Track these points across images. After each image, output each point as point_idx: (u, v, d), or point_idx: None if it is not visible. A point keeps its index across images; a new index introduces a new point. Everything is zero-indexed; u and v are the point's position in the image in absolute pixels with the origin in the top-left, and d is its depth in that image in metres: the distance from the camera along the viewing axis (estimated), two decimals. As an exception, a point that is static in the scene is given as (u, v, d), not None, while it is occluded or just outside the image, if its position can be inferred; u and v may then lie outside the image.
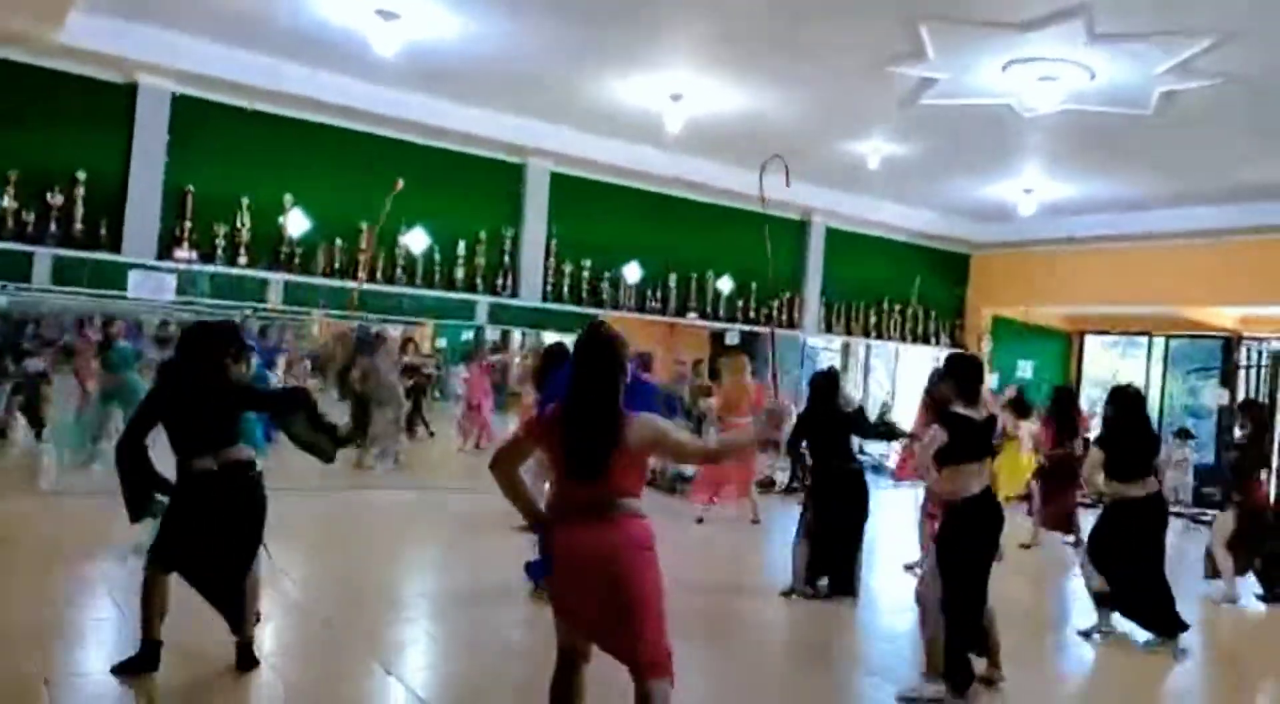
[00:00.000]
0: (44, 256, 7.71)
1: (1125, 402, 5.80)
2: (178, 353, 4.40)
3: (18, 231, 7.54)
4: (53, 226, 7.67)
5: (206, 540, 4.17)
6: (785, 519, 6.99)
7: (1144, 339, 14.66)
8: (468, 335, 11.84)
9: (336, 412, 11.24)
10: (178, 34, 7.62)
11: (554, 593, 3.22)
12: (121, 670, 4.10)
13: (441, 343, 13.17)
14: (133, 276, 8.06)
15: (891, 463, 13.36)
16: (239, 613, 4.28)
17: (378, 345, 10.00)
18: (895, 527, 8.27)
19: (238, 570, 4.25)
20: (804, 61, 7.36)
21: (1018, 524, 8.94)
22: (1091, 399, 15.13)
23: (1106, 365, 15.46)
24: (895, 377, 14.28)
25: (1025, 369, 14.34)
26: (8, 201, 7.49)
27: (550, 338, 12.76)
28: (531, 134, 9.67)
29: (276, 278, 8.75)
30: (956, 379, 4.66)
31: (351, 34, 7.08)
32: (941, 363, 5.45)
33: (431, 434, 11.87)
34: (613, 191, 10.75)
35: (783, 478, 11.19)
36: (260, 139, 8.63)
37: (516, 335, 12.03)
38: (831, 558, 6.34)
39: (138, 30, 7.50)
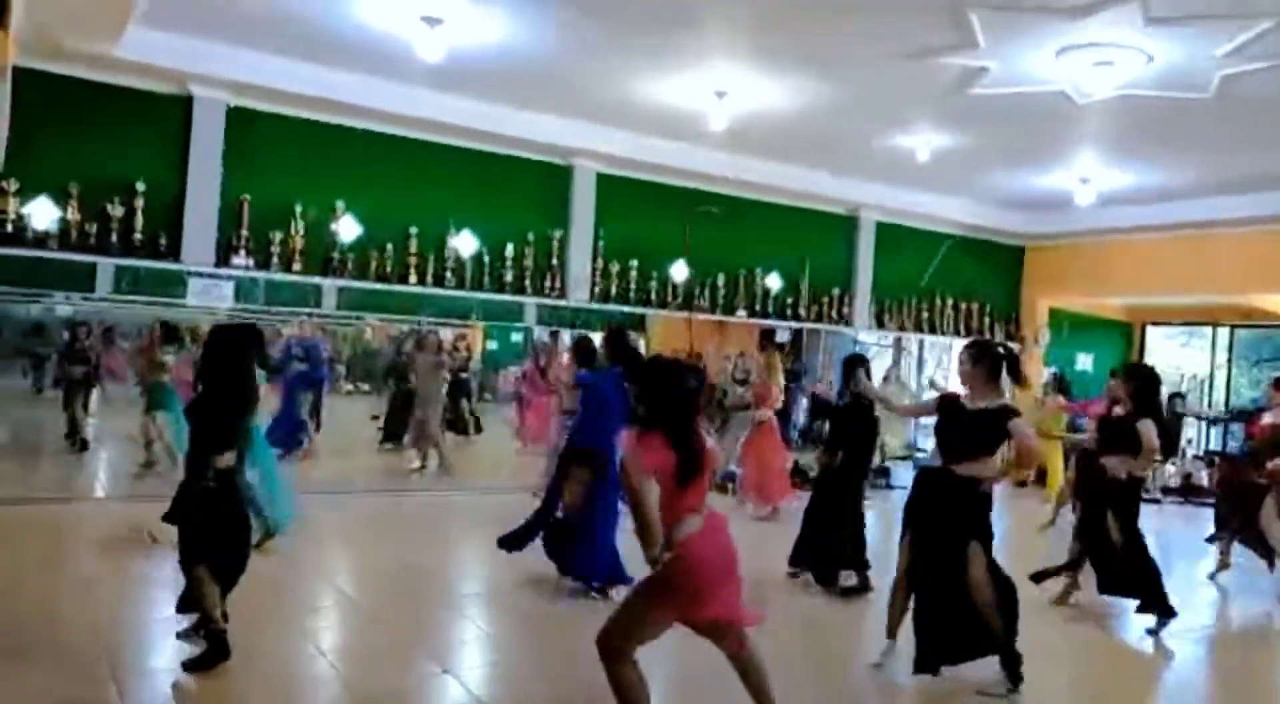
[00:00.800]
0: (106, 266, 7.95)
1: (1156, 380, 6.00)
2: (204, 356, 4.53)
3: (81, 243, 7.76)
4: (114, 237, 7.88)
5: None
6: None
7: (1208, 329, 14.28)
8: (517, 337, 11.92)
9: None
10: (231, 46, 7.78)
11: (690, 591, 3.36)
12: (194, 667, 4.20)
13: (493, 345, 13.28)
14: (192, 284, 8.27)
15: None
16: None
17: (419, 347, 10.14)
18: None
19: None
20: (850, 54, 7.27)
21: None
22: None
23: (1169, 357, 15.07)
24: (949, 372, 14.05)
25: (1084, 362, 14.05)
26: (70, 214, 7.71)
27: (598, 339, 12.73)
28: (577, 136, 9.69)
29: (329, 283, 8.90)
30: (988, 369, 4.57)
31: (398, 41, 7.16)
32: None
33: (480, 430, 11.94)
34: (659, 191, 10.74)
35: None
36: (312, 147, 8.78)
37: (566, 336, 12.08)
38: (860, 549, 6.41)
39: (192, 44, 7.66)
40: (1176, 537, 9.43)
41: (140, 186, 7.98)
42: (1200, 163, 9.94)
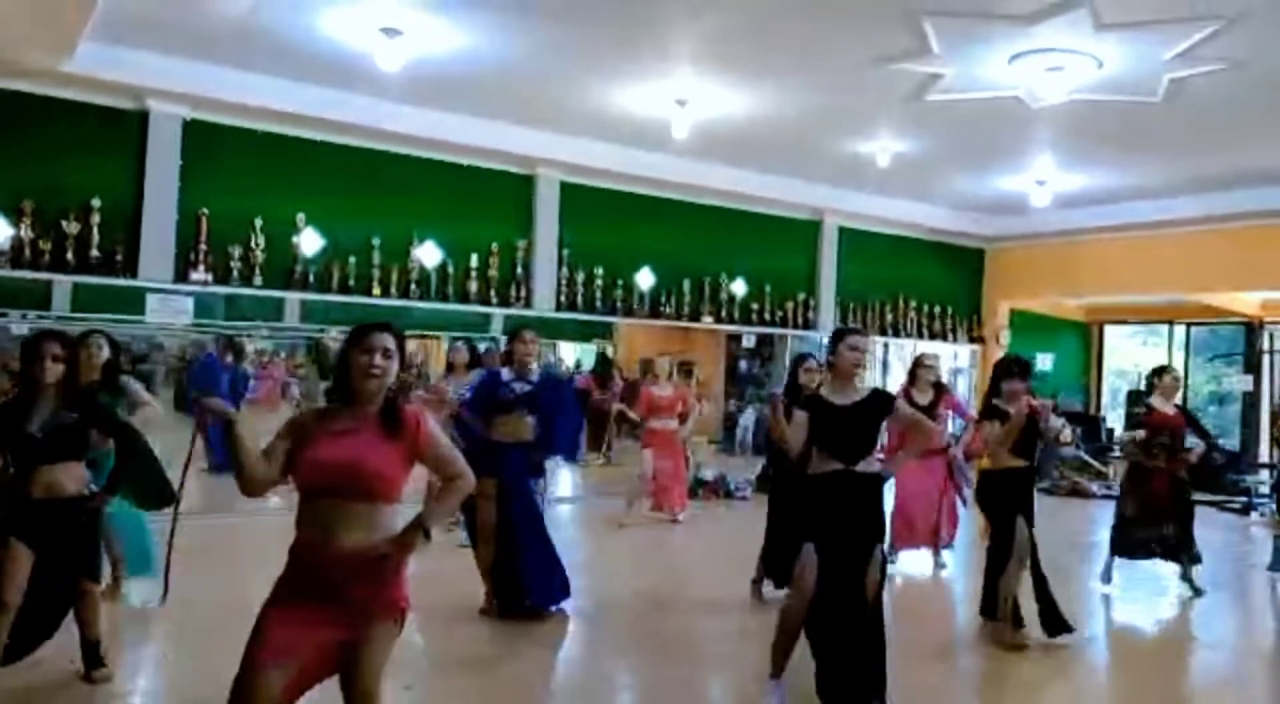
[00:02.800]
0: (63, 284, 7.82)
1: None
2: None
3: (35, 260, 7.62)
4: (70, 254, 7.75)
5: None
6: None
7: (1164, 327, 14.55)
8: (484, 347, 11.85)
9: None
10: (187, 60, 7.68)
11: None
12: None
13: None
14: (151, 301, 8.14)
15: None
16: None
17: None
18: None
19: None
20: (809, 61, 7.35)
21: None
22: (1113, 389, 15.07)
23: (1127, 355, 15.35)
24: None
25: (1045, 361, 14.25)
26: (25, 231, 7.57)
27: (564, 347, 12.74)
28: (540, 145, 9.69)
29: (292, 297, 8.83)
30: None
31: (357, 53, 7.13)
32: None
33: None
34: (623, 199, 10.77)
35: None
36: (271, 160, 8.69)
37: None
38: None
39: (147, 57, 7.56)
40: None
41: (96, 203, 7.85)
42: (1151, 165, 10.15)
